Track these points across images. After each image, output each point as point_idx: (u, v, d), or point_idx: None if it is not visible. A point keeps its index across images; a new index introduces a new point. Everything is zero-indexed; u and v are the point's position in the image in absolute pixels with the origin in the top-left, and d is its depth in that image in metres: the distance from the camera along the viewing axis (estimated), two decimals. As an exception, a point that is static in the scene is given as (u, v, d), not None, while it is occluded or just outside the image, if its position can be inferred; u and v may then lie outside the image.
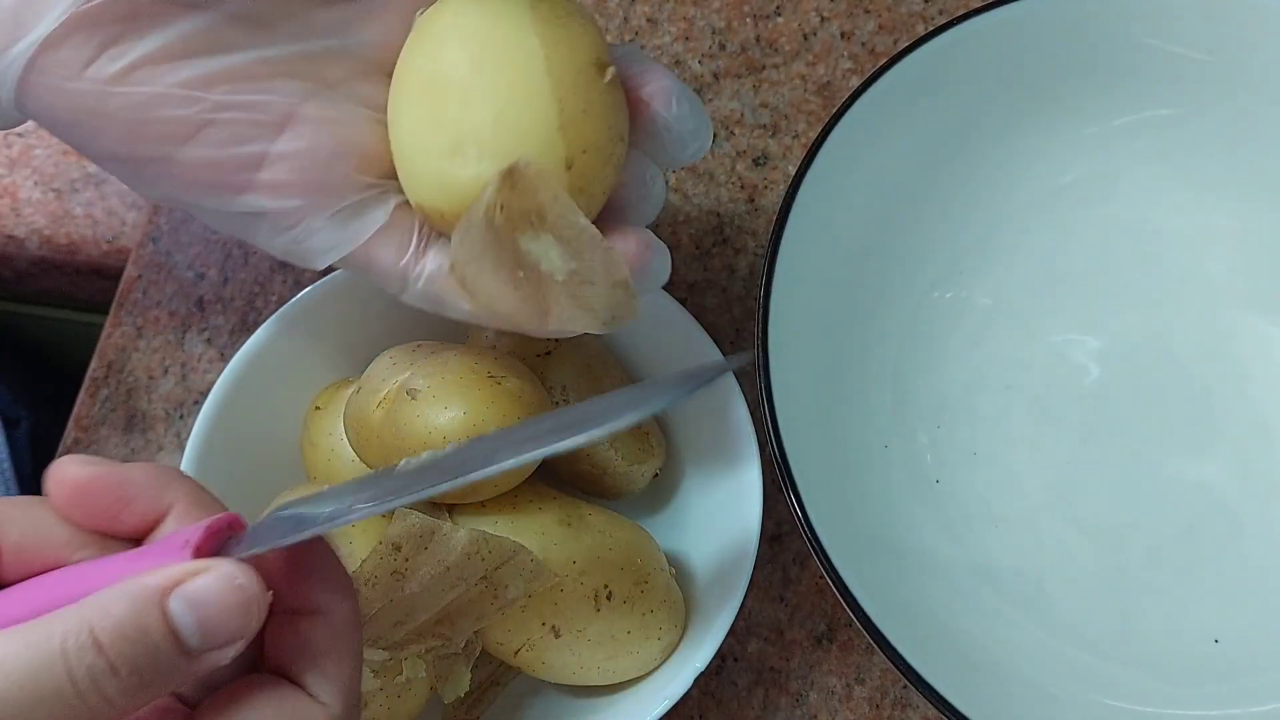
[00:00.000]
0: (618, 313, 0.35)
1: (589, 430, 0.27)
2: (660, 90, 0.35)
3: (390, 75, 0.35)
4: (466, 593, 0.38)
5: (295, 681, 0.28)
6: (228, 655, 0.26)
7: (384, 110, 0.35)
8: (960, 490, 0.46)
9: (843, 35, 0.55)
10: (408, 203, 0.36)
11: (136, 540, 0.29)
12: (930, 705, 0.37)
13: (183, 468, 0.43)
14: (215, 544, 0.28)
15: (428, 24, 0.34)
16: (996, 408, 0.47)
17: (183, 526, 0.28)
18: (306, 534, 0.27)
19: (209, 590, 0.26)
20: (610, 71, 0.33)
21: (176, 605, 0.26)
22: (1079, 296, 0.49)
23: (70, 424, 0.52)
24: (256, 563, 0.27)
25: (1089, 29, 0.46)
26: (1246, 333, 0.47)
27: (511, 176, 0.31)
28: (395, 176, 0.35)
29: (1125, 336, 0.48)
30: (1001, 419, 0.47)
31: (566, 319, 0.34)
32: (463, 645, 0.40)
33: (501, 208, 0.32)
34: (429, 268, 0.35)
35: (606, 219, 0.36)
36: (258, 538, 0.28)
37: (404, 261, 0.35)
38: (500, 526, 0.40)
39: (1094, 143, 0.48)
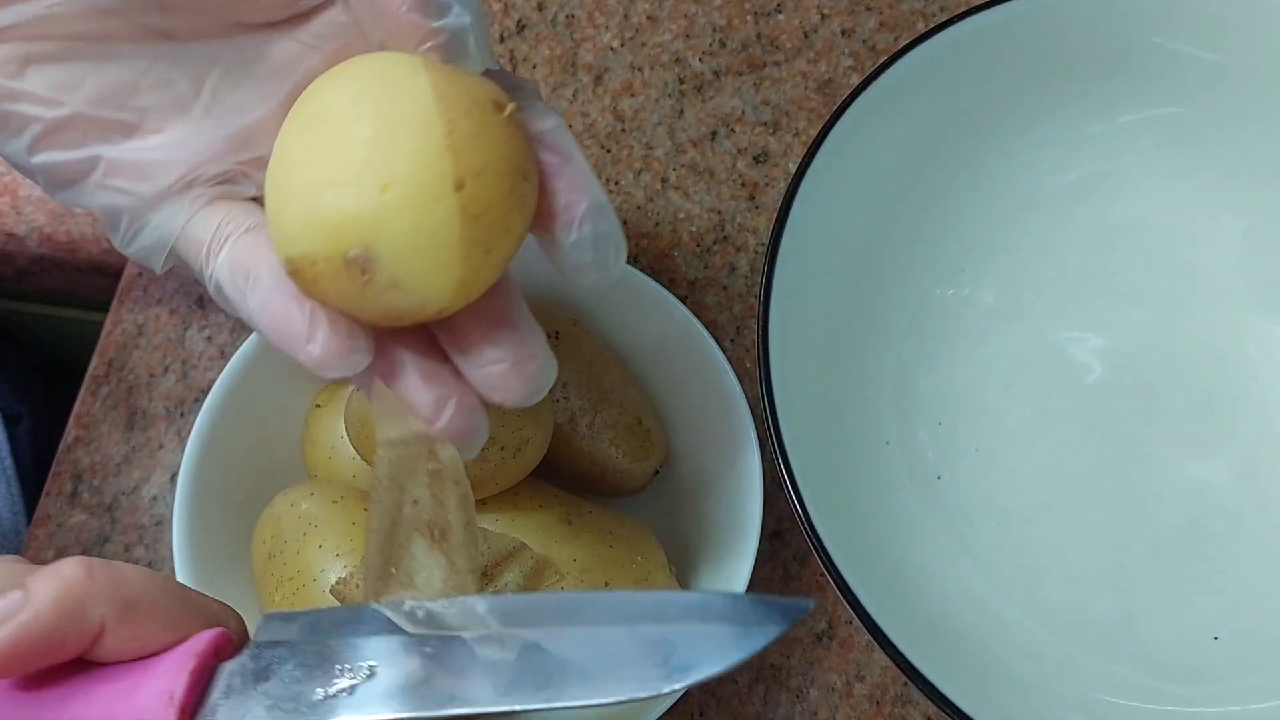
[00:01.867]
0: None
1: (649, 690, 0.25)
2: (567, 206, 0.31)
3: (276, 78, 0.33)
4: (467, 590, 0.38)
5: None
6: None
7: (247, 105, 0.33)
8: (961, 487, 0.46)
9: (844, 32, 0.55)
10: (218, 199, 0.33)
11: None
12: (931, 702, 0.37)
13: (183, 466, 0.43)
14: (201, 687, 0.27)
15: (316, 84, 0.31)
16: (998, 405, 0.47)
17: (118, 639, 0.27)
18: None
19: None
20: (510, 108, 0.30)
21: None
22: (1082, 294, 0.48)
23: (71, 422, 0.52)
24: None
25: (1092, 26, 0.46)
26: (1249, 331, 0.47)
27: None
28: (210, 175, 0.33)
29: (1128, 335, 0.48)
30: (1003, 416, 0.47)
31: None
32: (463, 642, 0.40)
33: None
34: (218, 272, 0.32)
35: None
36: (240, 694, 0.27)
37: (199, 260, 0.33)
38: (501, 524, 0.41)
39: (1097, 141, 0.48)
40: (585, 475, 0.44)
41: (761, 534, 0.42)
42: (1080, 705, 0.42)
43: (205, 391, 0.45)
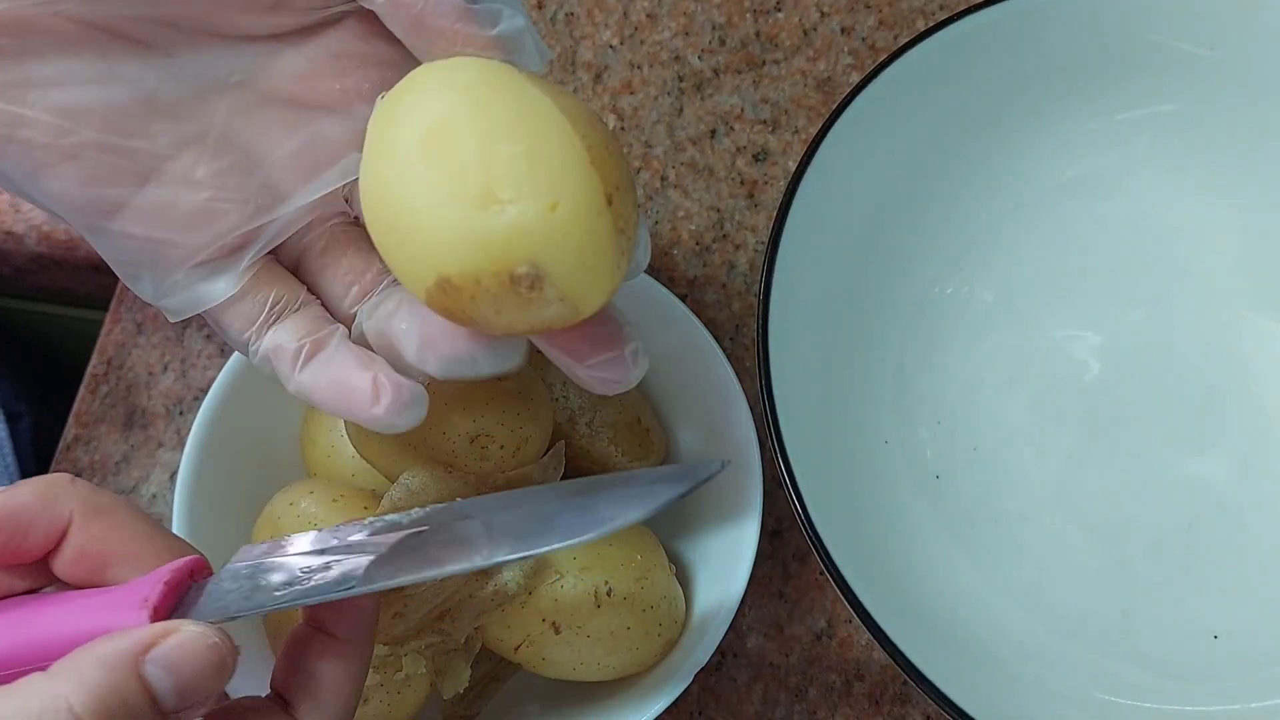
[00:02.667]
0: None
1: (575, 538, 0.28)
2: None
3: (291, 106, 0.32)
4: (466, 588, 0.38)
5: (290, 705, 0.29)
6: (200, 712, 0.27)
7: (265, 144, 0.32)
8: (960, 486, 0.46)
9: (843, 30, 0.55)
10: (262, 271, 0.33)
11: (41, 559, 0.29)
12: (930, 701, 0.37)
13: (182, 464, 0.43)
14: (175, 598, 0.28)
15: (400, 94, 0.30)
16: (997, 404, 0.47)
17: (83, 536, 0.29)
18: (263, 610, 0.28)
19: (184, 652, 0.26)
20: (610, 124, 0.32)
21: (153, 670, 0.26)
22: (1081, 292, 0.48)
23: (70, 420, 0.52)
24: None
25: (1090, 24, 0.46)
26: (1248, 329, 0.47)
27: None
28: (254, 239, 0.33)
29: (1127, 333, 0.48)
30: (1002, 415, 0.47)
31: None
32: (463, 641, 0.40)
33: None
34: (265, 347, 0.33)
35: None
36: (216, 596, 0.28)
37: (246, 334, 0.33)
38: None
39: (1096, 138, 0.48)
40: (584, 474, 0.44)
41: (761, 533, 0.42)
42: (1080, 704, 0.42)
43: (204, 390, 0.45)
